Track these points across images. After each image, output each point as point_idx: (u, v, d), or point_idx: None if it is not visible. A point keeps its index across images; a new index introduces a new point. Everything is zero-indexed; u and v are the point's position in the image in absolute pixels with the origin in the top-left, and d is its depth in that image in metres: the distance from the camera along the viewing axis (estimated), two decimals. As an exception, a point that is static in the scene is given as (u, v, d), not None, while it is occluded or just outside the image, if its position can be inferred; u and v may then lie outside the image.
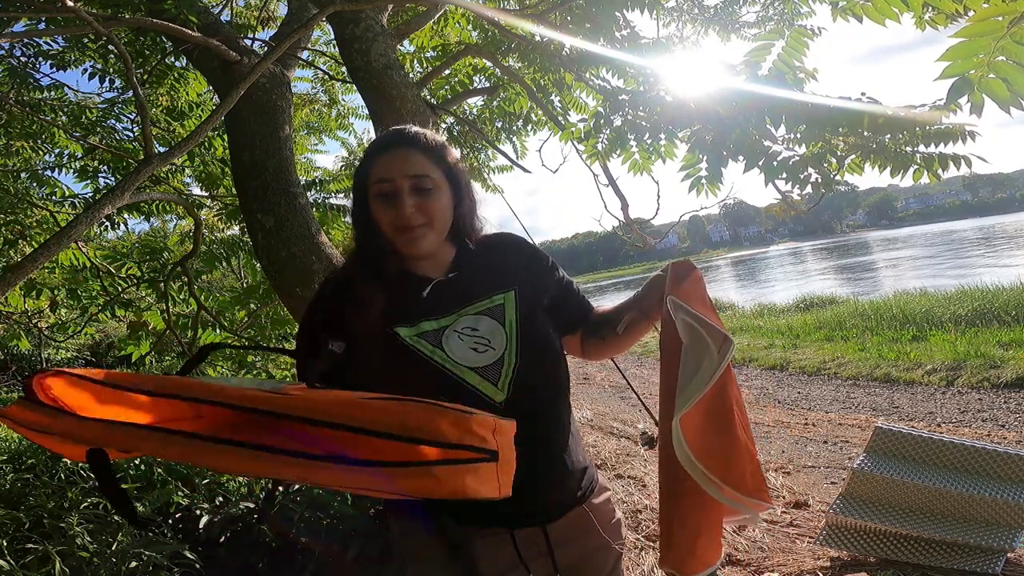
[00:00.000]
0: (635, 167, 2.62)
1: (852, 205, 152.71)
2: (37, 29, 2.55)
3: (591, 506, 1.05)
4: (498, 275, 1.05)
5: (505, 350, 0.97)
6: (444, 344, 0.95)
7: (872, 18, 1.32)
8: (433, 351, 0.95)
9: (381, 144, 1.02)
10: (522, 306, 1.02)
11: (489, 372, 0.95)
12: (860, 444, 3.93)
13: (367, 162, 1.01)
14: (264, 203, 2.27)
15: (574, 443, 1.06)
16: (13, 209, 3.69)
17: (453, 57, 3.06)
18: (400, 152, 0.98)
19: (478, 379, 0.94)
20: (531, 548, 0.97)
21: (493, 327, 0.99)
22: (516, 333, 0.99)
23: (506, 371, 0.96)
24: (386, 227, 0.98)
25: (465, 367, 0.94)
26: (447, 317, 0.98)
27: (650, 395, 6.83)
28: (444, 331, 0.97)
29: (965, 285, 10.13)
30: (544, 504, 0.99)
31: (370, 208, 0.99)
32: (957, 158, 1.58)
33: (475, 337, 0.97)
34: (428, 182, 0.98)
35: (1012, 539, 2.17)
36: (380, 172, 0.98)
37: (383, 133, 1.08)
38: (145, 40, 3.02)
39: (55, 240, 1.40)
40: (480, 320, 0.99)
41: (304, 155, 4.95)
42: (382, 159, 0.99)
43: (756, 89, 1.63)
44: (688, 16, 3.60)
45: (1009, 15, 0.77)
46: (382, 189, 0.97)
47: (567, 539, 1.00)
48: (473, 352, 0.96)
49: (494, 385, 0.95)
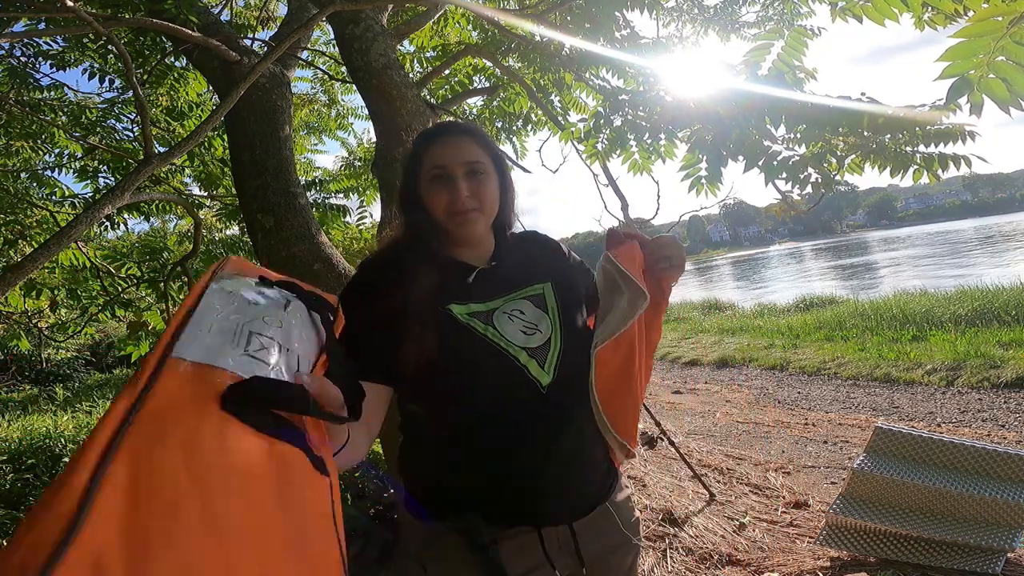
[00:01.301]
0: (635, 167, 2.62)
1: (852, 205, 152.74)
2: (37, 29, 2.55)
3: (613, 503, 1.06)
4: (534, 268, 1.09)
5: (551, 334, 1.01)
6: (496, 323, 0.98)
7: (871, 18, 1.32)
8: (486, 329, 0.97)
9: (435, 132, 1.05)
10: (559, 298, 1.06)
11: (538, 353, 0.98)
12: (860, 444, 3.93)
13: (420, 149, 1.03)
14: (264, 203, 2.27)
15: (601, 441, 1.07)
16: (13, 209, 3.69)
17: (453, 57, 3.06)
18: (455, 139, 1.02)
19: (528, 358, 0.97)
20: (558, 546, 0.97)
21: (538, 313, 1.02)
22: (559, 320, 1.03)
23: (552, 354, 0.99)
24: (440, 211, 1.00)
25: (516, 346, 0.97)
26: (494, 301, 1.01)
27: (650, 395, 6.83)
28: (494, 312, 1.00)
29: (965, 285, 10.13)
30: (573, 500, 1.00)
31: (423, 193, 1.02)
32: (957, 158, 1.58)
33: (523, 320, 1.00)
34: (481, 167, 1.01)
35: (1012, 539, 2.17)
36: (435, 158, 1.01)
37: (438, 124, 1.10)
38: (145, 40, 3.02)
39: (55, 240, 1.40)
40: (525, 304, 1.02)
41: (304, 155, 4.95)
42: (437, 146, 1.01)
43: (756, 89, 1.63)
44: (688, 16, 3.60)
45: (1009, 15, 0.77)
46: (437, 174, 1.00)
47: (591, 536, 1.01)
48: (523, 334, 0.99)
49: (541, 367, 0.97)
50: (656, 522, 2.92)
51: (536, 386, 0.95)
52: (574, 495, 1.00)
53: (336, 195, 4.33)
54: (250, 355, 0.57)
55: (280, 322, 0.64)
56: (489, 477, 0.95)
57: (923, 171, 1.68)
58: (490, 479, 0.95)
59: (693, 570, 2.51)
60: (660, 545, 2.71)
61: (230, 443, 0.47)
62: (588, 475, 1.03)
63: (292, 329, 0.66)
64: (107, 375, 12.53)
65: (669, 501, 3.18)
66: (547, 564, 0.95)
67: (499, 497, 0.95)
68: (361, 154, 4.74)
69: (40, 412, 7.17)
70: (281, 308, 0.67)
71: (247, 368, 0.55)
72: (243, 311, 0.61)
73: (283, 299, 0.68)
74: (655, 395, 6.79)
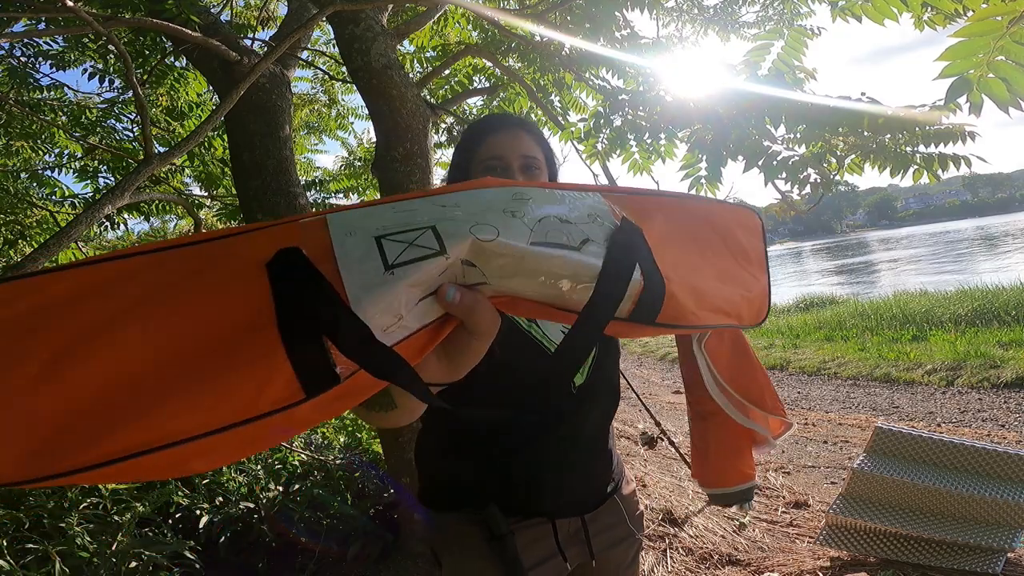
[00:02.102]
0: (635, 167, 2.62)
1: (852, 205, 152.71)
2: (37, 29, 2.55)
3: (621, 497, 1.08)
4: None
5: None
6: (539, 321, 0.98)
7: (871, 18, 1.32)
8: (530, 325, 0.97)
9: (491, 124, 1.03)
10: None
11: None
12: (860, 444, 3.93)
13: (475, 140, 1.02)
14: (264, 203, 2.27)
15: (613, 438, 1.11)
16: (13, 209, 3.69)
17: (453, 57, 3.06)
18: (512, 132, 1.01)
19: None
20: (570, 537, 1.00)
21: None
22: None
23: (589, 357, 1.00)
24: None
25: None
26: None
27: (650, 395, 6.83)
28: None
29: (965, 285, 10.13)
30: (586, 493, 1.03)
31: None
32: (957, 158, 1.58)
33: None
34: (535, 162, 1.01)
35: (1012, 539, 2.17)
36: (492, 150, 0.99)
37: (490, 115, 1.10)
38: (145, 40, 3.02)
39: (55, 240, 1.40)
40: None
41: (304, 155, 4.95)
42: (494, 138, 1.00)
43: (756, 89, 1.63)
44: (688, 16, 3.60)
45: (1008, 15, 0.77)
46: (493, 166, 0.99)
47: (600, 529, 1.03)
48: (562, 334, 0.98)
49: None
50: (656, 522, 2.92)
51: (572, 386, 0.98)
52: (588, 488, 1.03)
53: (336, 195, 4.33)
54: (378, 241, 0.44)
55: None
56: (512, 471, 0.97)
57: (923, 171, 1.68)
58: (513, 473, 0.97)
59: (693, 570, 2.51)
60: (660, 545, 2.71)
61: (216, 294, 0.41)
62: (601, 469, 1.06)
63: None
64: (107, 375, 12.52)
65: (669, 501, 3.18)
66: (559, 555, 0.97)
67: (518, 490, 0.97)
68: (361, 154, 4.74)
69: (40, 412, 7.16)
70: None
71: (349, 253, 0.43)
72: (483, 212, 0.48)
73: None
74: (655, 395, 6.79)
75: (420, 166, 2.24)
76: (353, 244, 0.44)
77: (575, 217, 0.52)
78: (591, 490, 1.04)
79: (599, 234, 0.52)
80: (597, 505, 1.04)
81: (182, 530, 2.76)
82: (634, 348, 10.25)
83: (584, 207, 0.54)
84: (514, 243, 0.47)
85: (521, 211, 0.50)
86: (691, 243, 0.61)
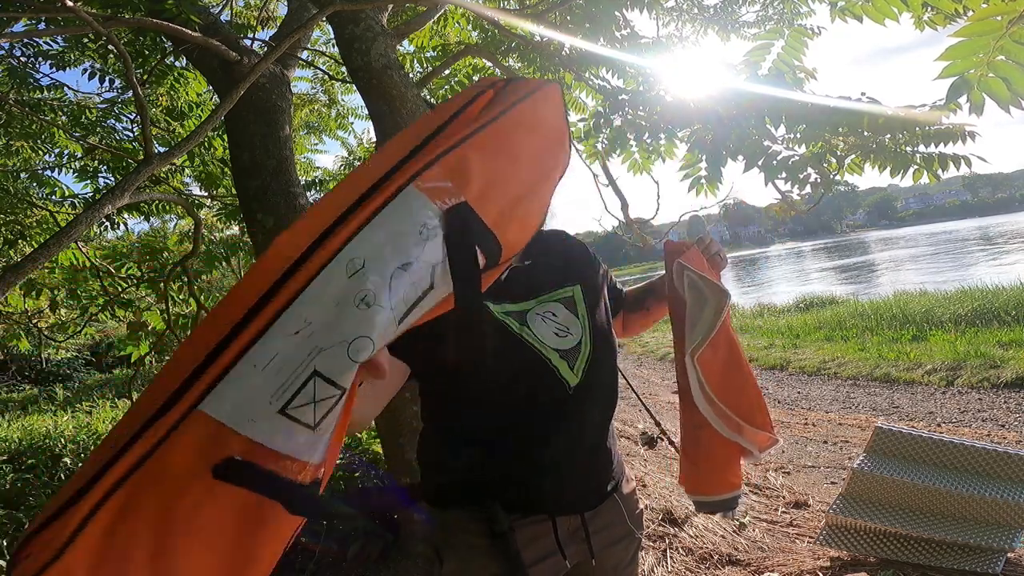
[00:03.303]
0: (635, 167, 2.62)
1: (852, 205, 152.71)
2: (37, 29, 2.55)
3: (621, 495, 1.10)
4: (564, 268, 1.11)
5: (582, 338, 1.03)
6: (530, 323, 1.01)
7: (872, 17, 1.32)
8: (521, 328, 1.00)
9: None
10: (588, 300, 1.09)
11: (569, 356, 1.01)
12: (860, 444, 3.93)
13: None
14: (264, 203, 2.27)
15: (614, 436, 1.13)
16: (13, 209, 3.69)
17: (453, 57, 3.06)
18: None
19: (559, 360, 1.00)
20: (570, 535, 1.01)
21: (569, 316, 1.05)
22: (589, 324, 1.06)
23: (583, 357, 1.02)
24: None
25: (550, 347, 1.00)
26: (526, 302, 1.04)
27: (650, 395, 6.82)
28: (527, 313, 1.02)
29: (965, 285, 10.13)
30: (586, 492, 1.04)
31: None
32: (957, 158, 1.58)
33: (556, 322, 1.03)
34: None
35: (1012, 539, 2.17)
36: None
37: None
38: (145, 40, 3.02)
39: (55, 240, 1.40)
40: (557, 307, 1.05)
41: (304, 155, 4.95)
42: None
43: (756, 89, 1.63)
44: (688, 16, 3.60)
45: (1008, 15, 0.77)
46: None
47: (600, 527, 1.05)
48: (555, 336, 1.01)
49: (571, 369, 1.00)
50: (656, 522, 2.92)
51: (565, 386, 0.99)
52: (588, 487, 1.04)
53: (336, 195, 4.33)
54: (287, 415, 0.51)
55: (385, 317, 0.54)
56: (512, 469, 0.98)
57: (923, 171, 1.68)
58: (513, 471, 0.98)
59: (693, 570, 2.51)
60: (660, 545, 2.71)
61: (204, 508, 0.50)
62: (601, 468, 1.07)
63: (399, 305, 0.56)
64: (107, 375, 12.52)
65: (669, 501, 3.17)
66: (559, 553, 0.99)
67: (519, 488, 0.98)
68: (361, 154, 4.74)
69: (40, 412, 7.17)
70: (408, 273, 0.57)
71: (271, 435, 0.51)
72: (340, 317, 0.52)
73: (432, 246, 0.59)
74: (655, 395, 6.79)
75: (420, 166, 2.23)
76: (267, 427, 0.51)
77: (412, 251, 0.57)
78: (591, 488, 1.05)
79: (436, 249, 0.59)
80: (597, 503, 1.05)
81: (182, 530, 2.75)
82: (634, 348, 10.25)
83: (410, 225, 0.58)
84: (391, 335, 0.55)
85: (369, 294, 0.53)
86: (506, 163, 0.69)
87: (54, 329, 4.96)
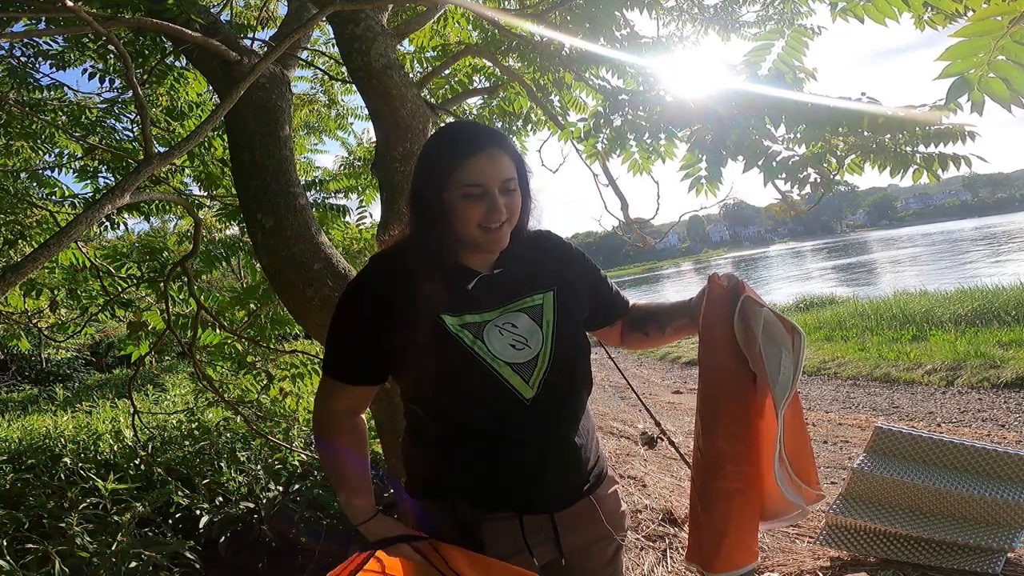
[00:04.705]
0: (635, 167, 2.62)
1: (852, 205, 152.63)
2: (37, 29, 2.55)
3: (597, 497, 1.10)
4: (539, 274, 1.09)
5: (540, 350, 1.03)
6: (485, 337, 1.00)
7: (872, 17, 1.32)
8: (474, 342, 1.00)
9: (470, 144, 1.00)
10: (559, 307, 1.07)
11: (523, 369, 1.01)
12: (860, 444, 3.92)
13: (453, 162, 0.99)
14: (264, 203, 2.27)
15: (588, 438, 1.11)
16: (13, 209, 3.68)
17: (453, 57, 3.05)
18: (493, 154, 0.99)
19: (511, 374, 1.00)
20: (537, 534, 1.03)
21: (532, 327, 1.04)
22: (552, 334, 1.04)
23: (539, 370, 1.01)
24: (472, 226, 0.99)
25: (502, 361, 1.00)
26: (490, 312, 1.03)
27: (650, 395, 6.83)
28: (486, 325, 1.02)
29: (965, 285, 10.13)
30: (552, 493, 1.05)
31: (451, 206, 0.99)
32: (957, 158, 1.58)
33: (514, 334, 1.02)
34: (513, 183, 1.01)
35: (1012, 539, 2.17)
36: (473, 176, 0.97)
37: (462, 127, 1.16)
38: (145, 40, 3.02)
39: (55, 240, 1.40)
40: (519, 318, 1.04)
41: (304, 155, 4.95)
42: (475, 161, 0.98)
43: (756, 89, 1.63)
44: (688, 16, 3.60)
45: (1009, 15, 0.77)
46: (472, 193, 0.98)
47: (573, 527, 1.06)
48: (511, 348, 1.01)
49: (526, 382, 1.00)
50: (656, 522, 2.92)
51: (519, 399, 0.99)
52: (558, 488, 1.05)
53: (336, 195, 4.33)
54: None
55: None
56: (476, 472, 1.02)
57: (923, 171, 1.68)
58: (476, 474, 1.02)
59: (693, 570, 2.51)
60: (660, 545, 2.71)
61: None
62: (571, 473, 1.07)
63: None
64: (107, 375, 12.52)
65: (669, 501, 3.17)
66: (526, 550, 1.01)
67: (484, 487, 1.02)
68: (361, 154, 4.73)
69: (40, 412, 7.16)
70: None
71: None
72: None
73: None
74: (655, 395, 6.79)
75: (420, 166, 2.23)
76: None
77: None
78: (563, 489, 1.06)
79: None
80: (569, 504, 1.05)
81: (182, 530, 2.76)
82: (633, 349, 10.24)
83: None
84: None
85: None
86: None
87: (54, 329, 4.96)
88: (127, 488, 2.64)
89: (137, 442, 3.46)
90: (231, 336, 3.42)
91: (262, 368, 3.59)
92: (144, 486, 2.97)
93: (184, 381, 7.33)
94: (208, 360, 3.64)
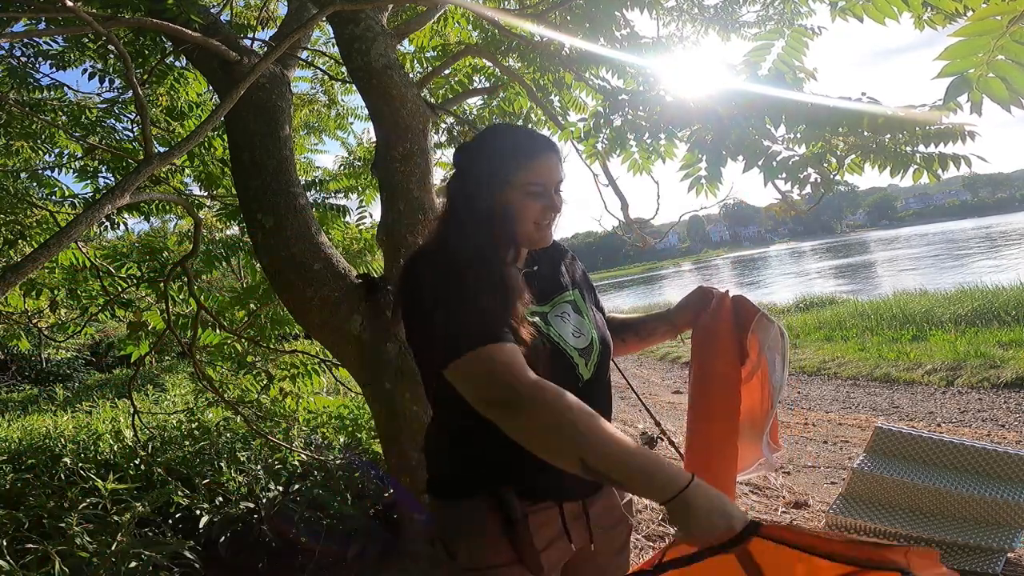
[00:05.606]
0: (635, 167, 2.62)
1: (852, 205, 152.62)
2: (37, 29, 2.55)
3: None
4: (562, 275, 1.21)
5: (592, 337, 1.14)
6: (552, 323, 1.10)
7: (872, 17, 1.32)
8: (547, 327, 1.08)
9: (535, 147, 1.11)
10: (587, 303, 1.20)
11: (585, 353, 1.11)
12: (860, 444, 3.93)
13: (516, 163, 1.08)
14: (264, 203, 2.27)
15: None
16: (13, 209, 3.68)
17: (453, 57, 3.05)
18: (552, 158, 1.11)
19: (579, 357, 1.09)
20: (574, 519, 1.08)
21: (579, 318, 1.16)
22: (594, 325, 1.16)
23: (594, 355, 1.12)
24: (529, 222, 1.09)
25: (571, 345, 1.09)
26: (543, 306, 1.12)
27: (650, 395, 6.82)
28: (548, 314, 1.12)
29: (965, 285, 10.13)
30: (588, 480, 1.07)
31: (513, 204, 1.08)
32: (957, 158, 1.58)
33: (571, 323, 1.13)
34: (561, 186, 1.14)
35: (1012, 539, 2.17)
36: (536, 176, 1.08)
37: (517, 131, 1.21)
38: (145, 40, 3.02)
39: (55, 240, 1.40)
40: (568, 309, 1.15)
41: (304, 155, 4.94)
42: (537, 163, 1.09)
43: (756, 89, 1.63)
44: (688, 16, 3.60)
45: (1008, 14, 0.77)
46: (535, 191, 1.08)
47: (599, 512, 1.13)
48: (573, 336, 1.11)
49: (586, 365, 1.10)
50: (656, 522, 2.92)
51: (580, 381, 1.08)
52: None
53: (336, 195, 4.33)
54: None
55: None
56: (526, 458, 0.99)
57: (923, 171, 1.68)
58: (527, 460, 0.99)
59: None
60: (660, 545, 2.71)
61: None
62: None
63: None
64: (107, 375, 12.52)
65: (669, 501, 3.17)
66: (565, 536, 1.06)
67: (536, 474, 1.02)
68: (361, 154, 4.73)
69: (40, 412, 7.16)
70: None
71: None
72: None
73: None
74: (655, 395, 6.79)
75: (420, 166, 2.24)
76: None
77: None
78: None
79: None
80: (596, 490, 1.12)
81: (182, 530, 2.75)
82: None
83: None
84: None
85: None
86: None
87: (54, 329, 4.95)
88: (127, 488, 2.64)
89: (137, 442, 3.46)
90: (231, 336, 3.42)
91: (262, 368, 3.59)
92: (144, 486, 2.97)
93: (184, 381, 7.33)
94: (208, 360, 3.64)
